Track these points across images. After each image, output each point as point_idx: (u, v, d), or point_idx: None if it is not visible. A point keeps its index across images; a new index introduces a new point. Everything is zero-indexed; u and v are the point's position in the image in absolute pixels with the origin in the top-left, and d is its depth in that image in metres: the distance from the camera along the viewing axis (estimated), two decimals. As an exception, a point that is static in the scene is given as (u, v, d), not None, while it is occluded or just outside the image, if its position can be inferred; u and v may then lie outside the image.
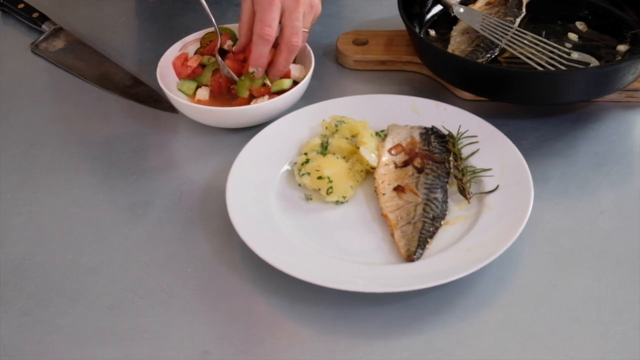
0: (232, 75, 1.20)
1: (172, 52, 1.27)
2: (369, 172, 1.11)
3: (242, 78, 1.18)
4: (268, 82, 1.19)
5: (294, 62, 1.27)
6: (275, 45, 1.19)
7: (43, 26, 1.42)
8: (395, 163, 1.10)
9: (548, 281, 0.97)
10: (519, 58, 1.20)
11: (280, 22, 1.17)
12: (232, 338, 0.93)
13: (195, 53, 1.28)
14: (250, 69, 1.18)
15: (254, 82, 1.18)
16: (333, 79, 1.32)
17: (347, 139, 1.14)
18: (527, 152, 1.09)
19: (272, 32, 1.15)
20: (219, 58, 1.22)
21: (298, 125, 1.16)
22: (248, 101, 1.19)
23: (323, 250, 0.99)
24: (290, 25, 1.16)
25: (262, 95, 1.19)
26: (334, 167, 1.07)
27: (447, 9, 1.32)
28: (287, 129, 1.16)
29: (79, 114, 1.27)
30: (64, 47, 1.39)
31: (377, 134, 1.15)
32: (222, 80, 1.23)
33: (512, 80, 1.16)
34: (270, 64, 1.19)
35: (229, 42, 1.27)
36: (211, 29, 1.30)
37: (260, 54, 1.17)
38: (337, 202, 1.06)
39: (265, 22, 1.15)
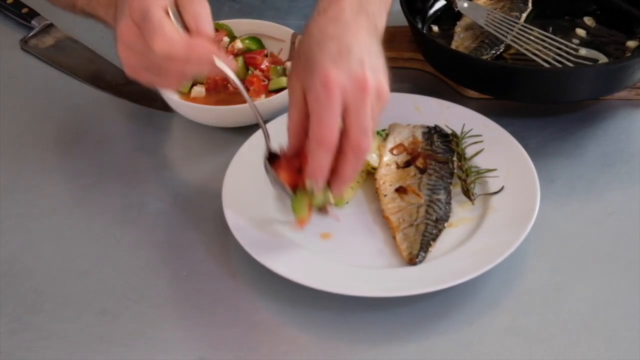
0: (287, 190, 0.97)
1: (167, 49, 1.27)
2: (370, 173, 1.11)
3: (298, 195, 0.96)
4: (330, 197, 0.96)
5: (291, 59, 1.28)
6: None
7: (33, 22, 1.42)
8: (397, 163, 1.10)
9: (555, 285, 0.98)
10: (525, 55, 1.21)
11: (342, 120, 0.91)
12: (229, 344, 0.93)
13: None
14: (308, 184, 0.94)
15: (314, 199, 0.96)
16: (333, 76, 1.33)
17: (347, 138, 1.14)
18: (533, 152, 1.09)
19: (334, 136, 0.90)
20: (268, 166, 0.99)
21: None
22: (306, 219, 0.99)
23: (322, 254, 1.00)
24: (357, 126, 0.90)
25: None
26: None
27: (450, 4, 1.33)
28: (285, 128, 1.16)
29: (70, 113, 1.27)
30: (54, 43, 1.40)
31: (378, 133, 1.15)
32: (218, 78, 1.23)
33: (517, 77, 1.17)
34: (334, 172, 0.94)
35: (225, 39, 1.28)
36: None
37: (319, 164, 0.92)
38: (337, 204, 1.06)
39: (325, 124, 0.90)
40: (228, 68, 0.93)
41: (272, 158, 0.99)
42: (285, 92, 1.18)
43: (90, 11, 1.08)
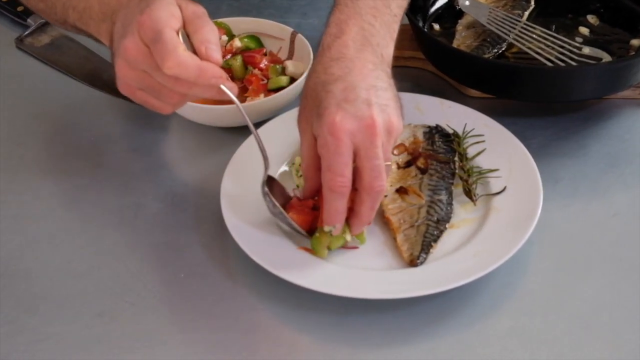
0: (299, 230, 1.00)
1: (164, 48, 1.27)
2: (371, 173, 1.11)
3: (317, 235, 0.98)
4: (348, 237, 0.99)
5: (291, 58, 1.28)
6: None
7: (28, 20, 1.42)
8: (397, 164, 1.10)
9: (558, 287, 0.98)
10: (527, 53, 1.21)
11: (354, 163, 0.93)
12: (228, 346, 0.93)
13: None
14: (326, 228, 0.96)
15: (333, 240, 0.98)
16: (333, 75, 1.33)
17: (347, 138, 1.14)
18: (536, 152, 1.10)
19: (347, 181, 0.92)
20: (267, 190, 0.98)
21: (296, 124, 1.17)
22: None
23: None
24: (369, 167, 0.92)
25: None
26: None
27: (452, 1, 1.33)
28: (285, 128, 1.16)
29: (66, 113, 1.28)
30: (50, 42, 1.40)
31: (378, 133, 1.15)
32: (217, 77, 1.23)
33: (520, 76, 1.17)
34: (351, 212, 0.96)
35: (224, 37, 1.28)
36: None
37: (335, 210, 0.94)
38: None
39: (336, 172, 0.91)
40: (232, 94, 0.94)
41: (269, 181, 1.00)
42: (284, 91, 1.18)
43: (81, 26, 1.08)
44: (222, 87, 0.93)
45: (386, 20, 1.02)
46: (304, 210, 1.00)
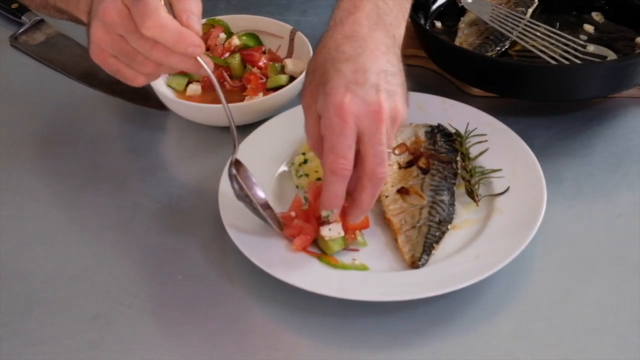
0: (265, 218, 1.00)
1: (161, 46, 1.27)
2: (371, 173, 1.11)
3: (326, 240, 0.99)
4: (341, 232, 1.00)
5: (290, 57, 1.28)
6: None
7: (23, 18, 1.42)
8: (398, 163, 1.10)
9: (562, 289, 0.98)
10: (531, 51, 1.21)
11: (357, 147, 0.92)
12: (226, 349, 0.93)
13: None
14: (323, 213, 0.97)
15: (334, 243, 0.99)
16: (333, 74, 1.33)
17: (347, 137, 1.14)
18: (540, 151, 1.10)
19: (349, 164, 0.91)
20: (234, 172, 1.00)
21: (295, 123, 1.16)
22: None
23: (322, 256, 1.00)
24: (372, 153, 0.91)
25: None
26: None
27: (454, -1, 1.33)
28: (284, 127, 1.16)
29: (62, 112, 1.28)
30: (45, 40, 1.40)
31: (379, 132, 1.15)
32: (216, 75, 1.23)
33: (523, 75, 1.17)
34: (350, 199, 0.97)
35: (222, 36, 1.28)
36: (203, 21, 1.30)
37: (334, 193, 0.93)
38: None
39: (339, 154, 0.90)
40: (208, 67, 0.94)
41: (237, 165, 1.00)
42: (284, 89, 1.18)
43: (61, 5, 1.08)
44: (199, 58, 0.92)
45: None
46: (296, 227, 1.00)
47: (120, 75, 0.97)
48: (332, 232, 0.99)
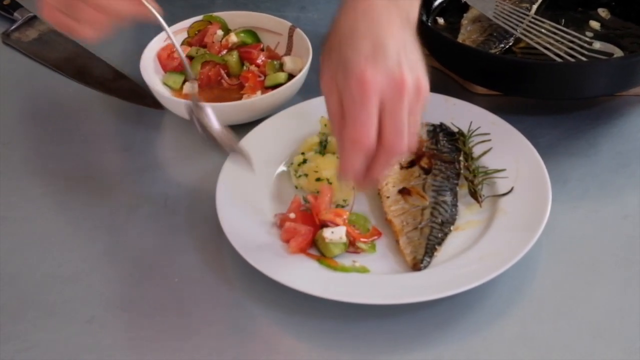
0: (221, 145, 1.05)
1: (157, 43, 1.27)
2: (372, 174, 1.11)
3: (327, 242, 1.00)
4: (344, 237, 1.00)
5: (289, 54, 1.28)
6: None
7: (15, 14, 1.43)
8: (400, 163, 1.11)
9: (567, 292, 0.98)
10: (535, 48, 1.21)
11: (379, 120, 0.91)
12: (224, 354, 0.93)
13: (182, 44, 1.29)
14: (340, 179, 0.98)
15: (335, 246, 1.00)
16: (332, 71, 1.33)
17: (348, 137, 1.14)
18: (544, 151, 1.10)
19: (371, 137, 0.90)
20: (195, 106, 1.05)
21: (294, 122, 1.17)
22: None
23: (322, 259, 1.00)
24: (392, 125, 0.91)
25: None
26: (333, 167, 1.08)
27: (457, -5, 1.34)
28: (283, 127, 1.16)
29: (55, 111, 1.28)
30: (38, 37, 1.40)
31: (380, 131, 1.16)
32: (212, 74, 1.24)
33: (528, 72, 1.17)
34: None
35: (219, 32, 1.28)
36: (199, 18, 1.31)
37: (351, 163, 0.92)
38: (337, 206, 1.07)
39: (361, 125, 0.90)
40: (153, 8, 0.96)
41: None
42: (282, 88, 1.18)
43: None
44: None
45: None
46: (295, 231, 1.01)
47: (70, 30, 1.01)
48: (334, 235, 0.99)
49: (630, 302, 0.97)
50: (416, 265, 0.99)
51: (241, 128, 1.17)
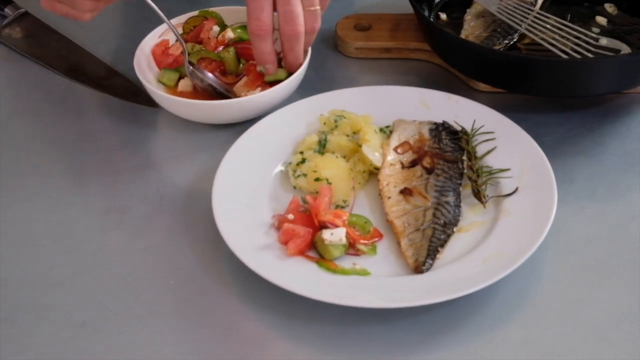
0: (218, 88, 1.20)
1: (151, 39, 1.27)
2: (373, 173, 1.11)
3: (327, 244, 1.00)
4: (343, 239, 1.01)
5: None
6: None
7: (6, 10, 1.42)
8: (401, 163, 1.11)
9: (573, 295, 0.98)
10: (540, 44, 1.21)
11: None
12: (220, 359, 0.93)
13: (177, 40, 1.28)
14: (258, 68, 1.19)
15: (334, 248, 1.00)
16: (332, 68, 1.33)
17: (347, 136, 1.14)
18: (550, 150, 1.10)
19: (263, 24, 1.14)
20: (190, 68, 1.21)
21: (293, 120, 1.17)
22: None
23: (321, 261, 1.00)
24: (283, 11, 1.15)
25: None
26: (333, 167, 1.08)
27: (460, -11, 1.33)
28: (281, 125, 1.16)
29: (47, 109, 1.28)
30: (29, 33, 1.40)
31: (381, 130, 1.15)
32: (209, 70, 1.23)
33: (533, 69, 1.17)
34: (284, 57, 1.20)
35: (215, 28, 1.28)
36: (195, 13, 1.31)
37: (259, 51, 1.17)
38: (336, 207, 1.07)
39: (253, 16, 1.14)
40: None
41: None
42: (281, 85, 1.18)
43: None
44: None
45: None
46: (292, 234, 1.01)
47: (69, 16, 1.17)
48: (334, 236, 0.99)
49: (639, 305, 0.96)
50: (418, 268, 0.98)
51: (238, 127, 1.17)
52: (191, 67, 1.20)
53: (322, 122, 1.16)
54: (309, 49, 1.22)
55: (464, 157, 1.11)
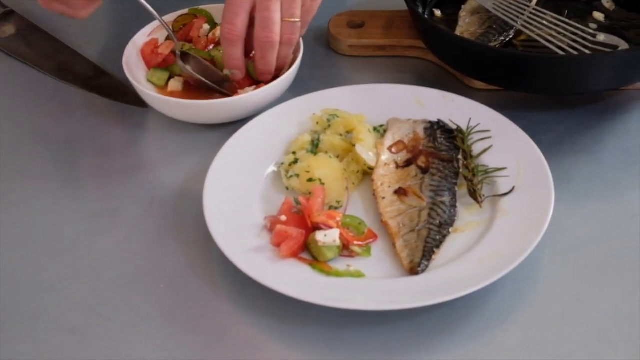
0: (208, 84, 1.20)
1: (140, 38, 1.27)
2: (367, 173, 1.12)
3: (320, 246, 1.00)
4: (337, 240, 1.00)
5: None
6: None
7: (-9, 9, 1.43)
8: (396, 163, 1.11)
9: (572, 295, 0.98)
10: (537, 41, 1.22)
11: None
12: (212, 364, 0.94)
13: (167, 39, 1.28)
14: (225, 71, 1.20)
15: (328, 250, 1.00)
16: (325, 66, 1.33)
17: (341, 135, 1.15)
18: (547, 148, 1.10)
19: (235, 29, 1.15)
20: (180, 62, 1.22)
21: (285, 120, 1.17)
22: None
23: (314, 263, 1.00)
24: (259, 18, 1.15)
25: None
26: (326, 167, 1.08)
27: (454, -15, 1.34)
28: (273, 125, 1.16)
29: (34, 110, 1.28)
30: (15, 32, 1.40)
31: (375, 129, 1.16)
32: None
33: (529, 66, 1.17)
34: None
35: (205, 26, 1.28)
36: (185, 11, 1.31)
37: (229, 56, 1.18)
38: (330, 208, 1.07)
39: (227, 20, 1.15)
40: None
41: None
42: (272, 84, 1.18)
43: None
44: None
45: None
46: (285, 235, 1.01)
47: (65, 14, 1.19)
48: (327, 238, 0.99)
49: (638, 306, 0.97)
50: (413, 270, 0.99)
51: (230, 127, 1.17)
52: (182, 62, 1.21)
53: (314, 121, 1.16)
54: (301, 47, 1.22)
55: (460, 156, 1.11)
